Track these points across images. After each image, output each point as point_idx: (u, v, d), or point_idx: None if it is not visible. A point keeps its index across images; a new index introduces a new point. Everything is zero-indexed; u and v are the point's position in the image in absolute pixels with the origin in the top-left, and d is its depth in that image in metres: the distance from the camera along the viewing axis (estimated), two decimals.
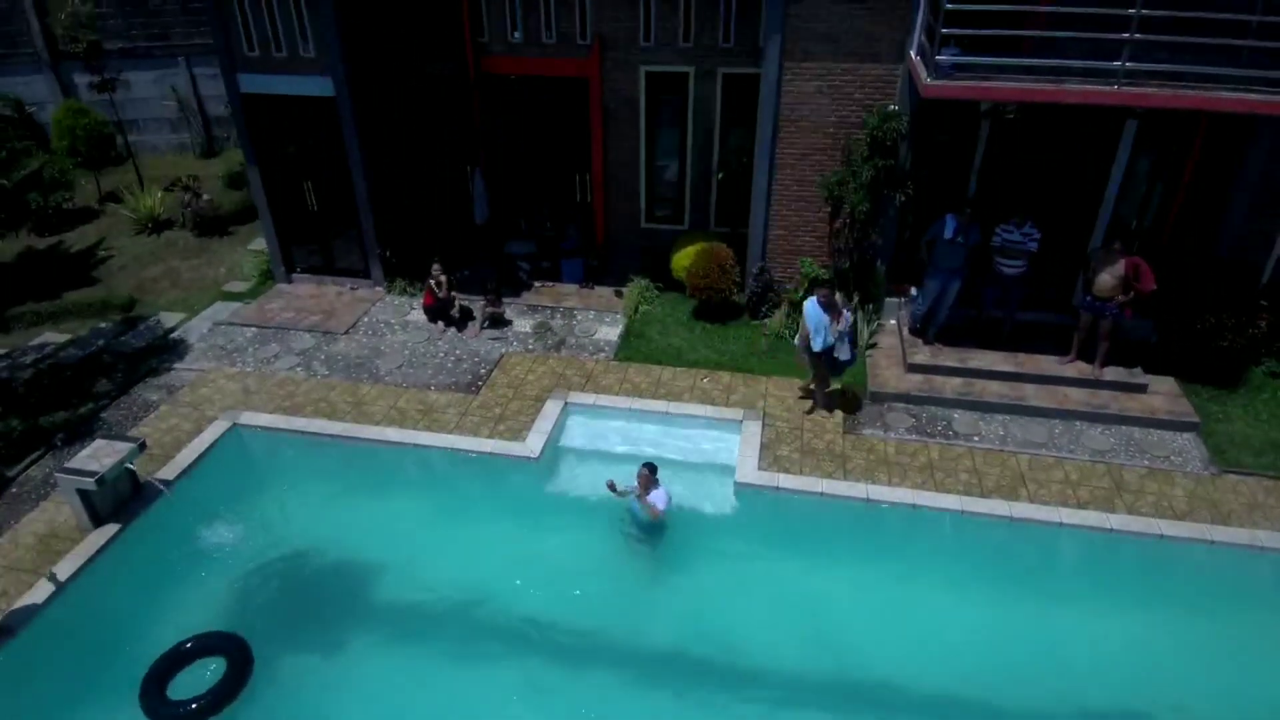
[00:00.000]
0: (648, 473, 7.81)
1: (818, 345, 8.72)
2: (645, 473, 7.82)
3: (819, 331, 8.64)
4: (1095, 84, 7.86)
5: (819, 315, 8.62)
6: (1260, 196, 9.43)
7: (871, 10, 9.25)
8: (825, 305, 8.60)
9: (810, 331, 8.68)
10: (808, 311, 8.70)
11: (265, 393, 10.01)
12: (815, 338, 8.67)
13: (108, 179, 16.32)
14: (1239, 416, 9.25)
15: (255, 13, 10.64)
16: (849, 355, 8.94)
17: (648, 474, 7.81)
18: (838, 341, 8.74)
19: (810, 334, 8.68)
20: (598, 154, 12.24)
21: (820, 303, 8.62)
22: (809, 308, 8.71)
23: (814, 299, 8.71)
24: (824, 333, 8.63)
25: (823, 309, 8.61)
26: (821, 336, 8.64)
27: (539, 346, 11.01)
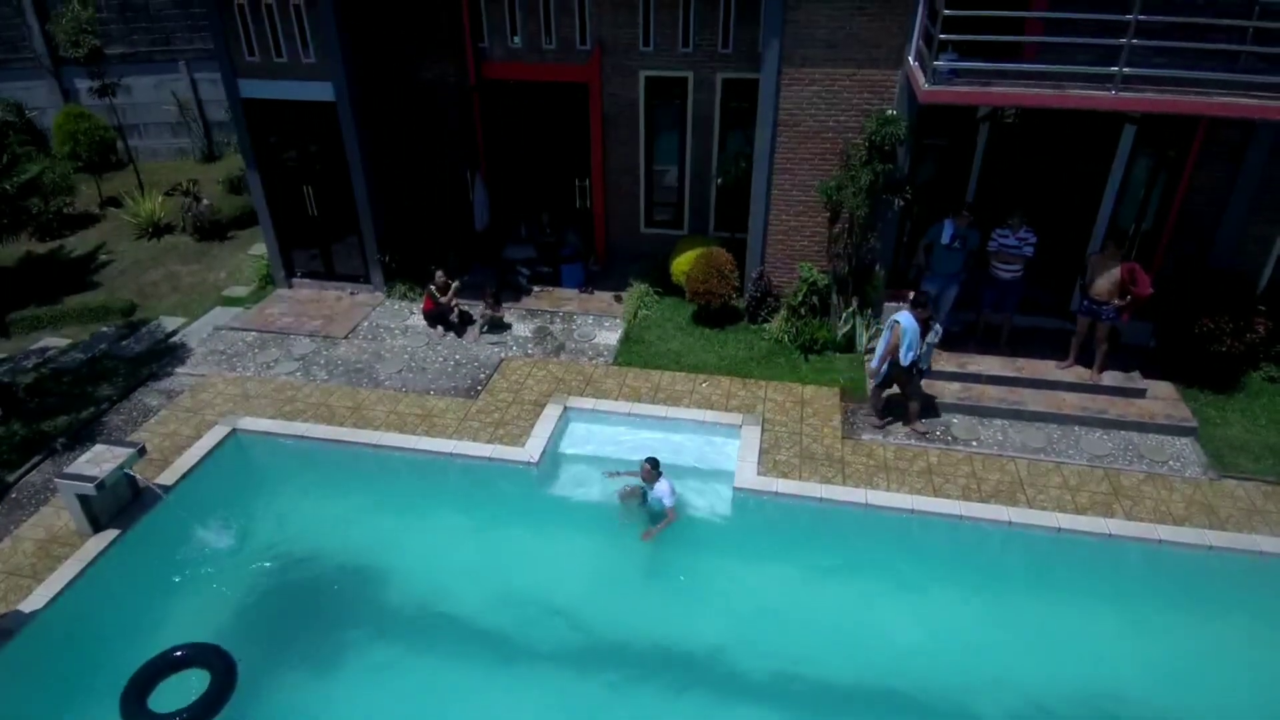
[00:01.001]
0: (650, 467, 7.97)
1: (907, 359, 8.62)
2: (647, 467, 7.98)
3: (912, 346, 8.54)
4: (1093, 89, 7.88)
5: (915, 329, 8.52)
6: (1258, 200, 9.44)
7: (870, 16, 9.27)
8: (920, 320, 8.53)
9: (903, 345, 8.54)
10: (904, 325, 8.51)
11: (265, 398, 10.03)
12: (907, 352, 8.56)
13: (109, 184, 16.37)
14: (1237, 421, 9.26)
15: (256, 19, 10.67)
16: (928, 364, 9.02)
17: (650, 468, 7.97)
18: (924, 354, 8.74)
19: (902, 347, 8.55)
20: (597, 159, 12.27)
21: (916, 317, 8.53)
22: (907, 322, 8.51)
23: (907, 313, 8.56)
24: (916, 347, 8.57)
25: (917, 323, 8.53)
26: (913, 351, 8.58)
27: (538, 351, 11.03)
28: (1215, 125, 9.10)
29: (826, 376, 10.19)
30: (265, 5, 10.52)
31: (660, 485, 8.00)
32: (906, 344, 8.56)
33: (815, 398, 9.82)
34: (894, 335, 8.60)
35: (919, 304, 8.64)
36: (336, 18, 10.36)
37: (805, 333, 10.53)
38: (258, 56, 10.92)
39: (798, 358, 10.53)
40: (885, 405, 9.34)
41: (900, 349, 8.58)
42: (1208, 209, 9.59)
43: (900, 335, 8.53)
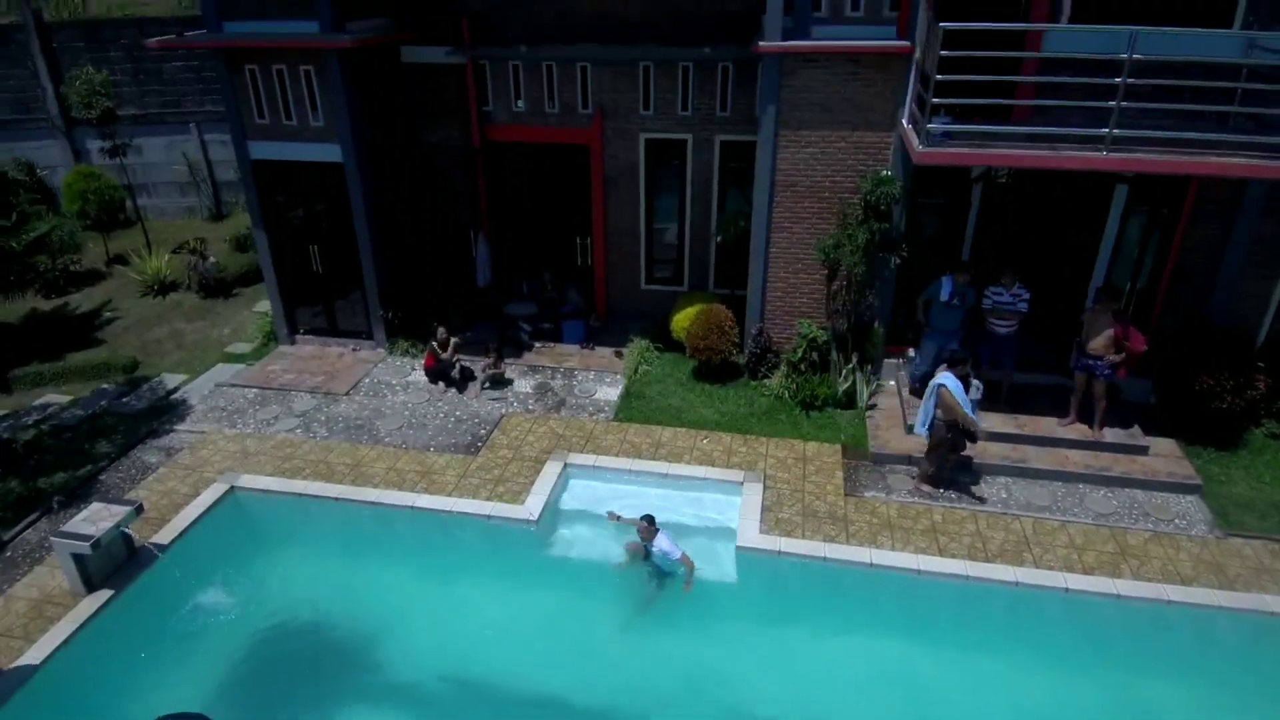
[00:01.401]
0: (646, 524, 7.95)
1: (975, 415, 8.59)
2: (644, 524, 7.96)
3: (964, 402, 8.46)
4: (1085, 150, 8.05)
5: (960, 388, 8.45)
6: (1252, 257, 9.56)
7: (863, 82, 9.53)
8: (963, 378, 8.51)
9: (965, 408, 8.42)
10: (954, 390, 8.43)
11: (264, 455, 9.99)
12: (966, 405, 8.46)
13: (117, 242, 16.62)
14: (1241, 479, 9.20)
15: (267, 84, 10.97)
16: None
17: (646, 525, 7.95)
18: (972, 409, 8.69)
19: (967, 410, 8.43)
20: (599, 217, 12.47)
21: (958, 375, 8.50)
22: (952, 384, 8.44)
23: (948, 375, 8.50)
24: (965, 401, 8.50)
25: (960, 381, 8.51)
26: (967, 405, 8.49)
27: (539, 407, 11.03)
28: (1206, 184, 9.27)
29: (828, 433, 10.16)
30: (276, 71, 10.82)
31: (660, 541, 7.96)
32: (962, 399, 8.43)
33: (817, 454, 9.78)
34: (941, 399, 8.50)
35: (957, 361, 8.56)
36: (345, 84, 10.65)
37: (806, 389, 10.54)
38: (267, 119, 11.19)
39: (799, 414, 10.52)
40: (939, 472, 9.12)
41: (961, 410, 8.41)
42: (1202, 266, 9.70)
43: (952, 397, 8.42)
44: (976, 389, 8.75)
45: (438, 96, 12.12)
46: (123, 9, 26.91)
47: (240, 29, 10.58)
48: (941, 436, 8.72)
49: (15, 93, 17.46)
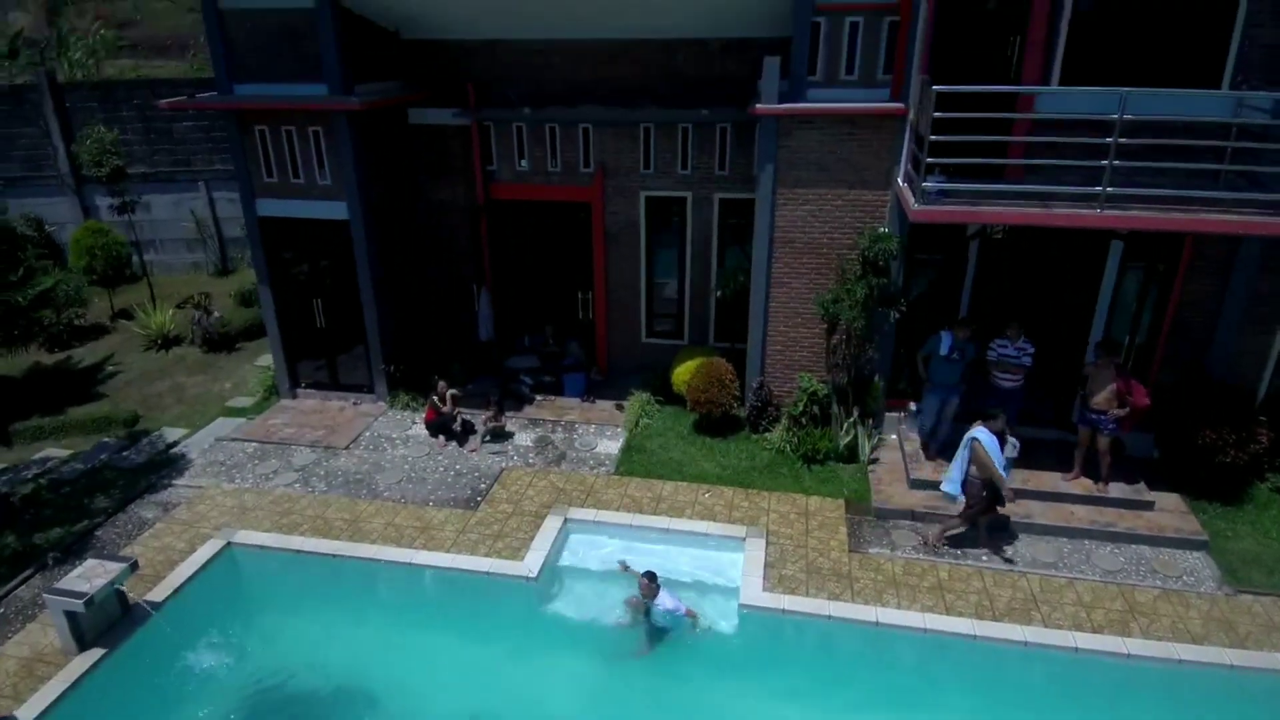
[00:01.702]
0: (648, 580, 7.87)
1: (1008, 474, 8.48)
2: (645, 581, 7.88)
3: (998, 459, 8.36)
4: (1079, 208, 8.18)
5: (995, 444, 8.36)
6: (1250, 312, 9.63)
7: (859, 142, 9.74)
8: (998, 434, 8.40)
9: (999, 465, 8.33)
10: (988, 446, 8.34)
11: (262, 510, 9.92)
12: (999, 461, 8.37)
13: (122, 296, 16.76)
14: (1248, 534, 9.11)
15: (275, 144, 11.20)
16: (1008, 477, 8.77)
17: (648, 582, 7.87)
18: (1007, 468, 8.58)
19: (1000, 468, 8.33)
20: (600, 272, 12.62)
21: (994, 430, 8.39)
22: (988, 441, 8.34)
23: (983, 430, 8.40)
24: (1000, 458, 8.38)
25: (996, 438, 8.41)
26: (1001, 463, 8.38)
27: (539, 461, 10.98)
28: (1201, 241, 9.39)
29: (830, 487, 10.10)
30: (285, 131, 11.07)
31: (662, 598, 7.87)
32: (999, 462, 8.33)
33: (820, 509, 9.70)
34: (976, 454, 8.41)
35: (991, 416, 8.46)
36: (353, 144, 10.89)
37: (807, 443, 10.52)
38: (275, 178, 11.40)
39: (800, 468, 10.48)
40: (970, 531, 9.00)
41: (995, 468, 8.32)
42: (1200, 321, 9.76)
43: (986, 454, 8.32)
44: (1013, 447, 8.59)
45: (443, 156, 12.38)
46: (135, 70, 27.67)
47: (251, 91, 10.86)
48: (978, 495, 8.56)
49: (27, 150, 17.83)
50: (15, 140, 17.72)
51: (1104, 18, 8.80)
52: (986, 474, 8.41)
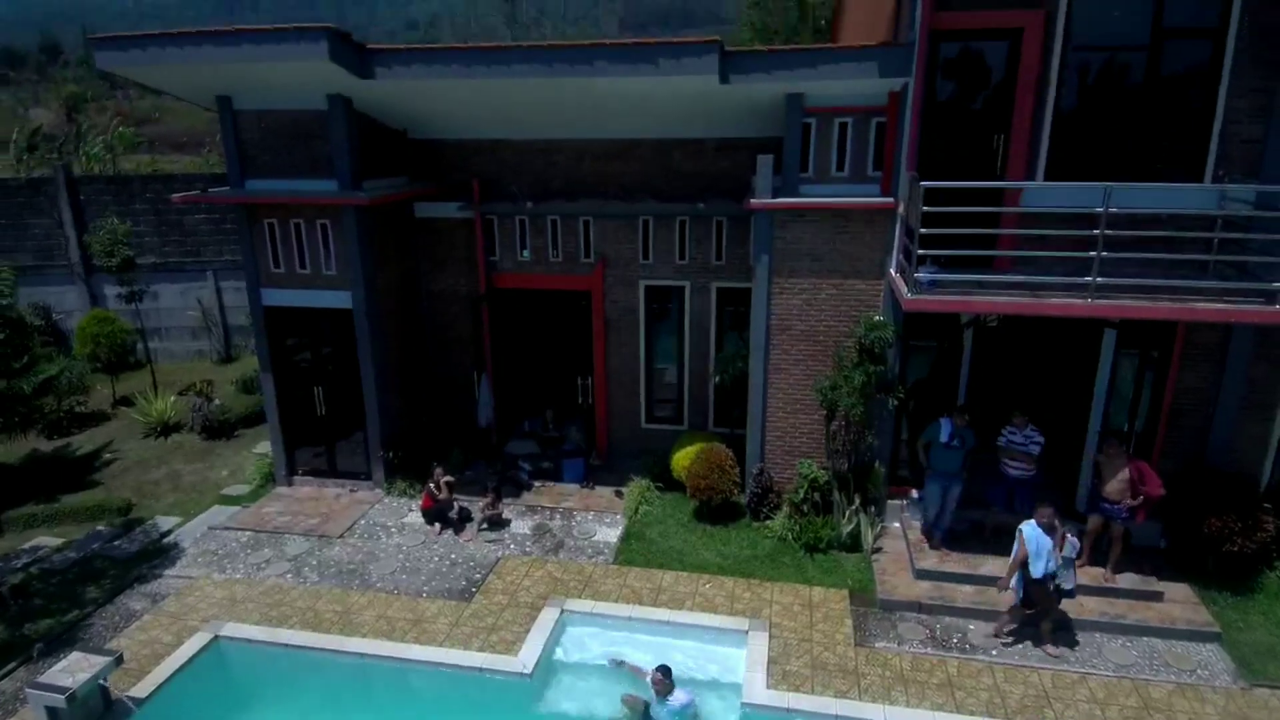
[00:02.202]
0: (661, 676, 7.65)
1: (1038, 571, 8.19)
2: (659, 676, 7.65)
3: (1040, 555, 8.16)
4: (1070, 297, 8.33)
5: (1041, 539, 8.18)
6: (1247, 400, 9.66)
7: (851, 234, 10.02)
8: (1047, 528, 8.21)
9: (1030, 555, 8.17)
10: (1027, 535, 8.20)
11: (252, 601, 9.71)
12: (1035, 562, 8.15)
13: (125, 383, 16.87)
14: (1260, 625, 8.89)
15: (284, 236, 11.51)
16: (1073, 584, 8.45)
17: (661, 677, 7.65)
18: (1061, 569, 8.29)
19: (1030, 557, 8.17)
20: (599, 359, 12.74)
21: (1040, 524, 8.21)
22: (1028, 531, 8.22)
23: (1032, 521, 8.27)
24: (1046, 558, 8.19)
25: (1044, 532, 8.21)
26: (1043, 562, 8.17)
27: (537, 549, 10.82)
28: (1193, 329, 9.51)
29: (834, 577, 9.92)
30: (294, 224, 11.38)
31: (677, 695, 7.64)
32: (1033, 553, 8.18)
33: (824, 600, 9.50)
34: (1020, 547, 8.29)
35: (1043, 514, 8.26)
36: (360, 237, 11.18)
37: (809, 531, 10.38)
38: (282, 268, 11.65)
39: (803, 557, 10.31)
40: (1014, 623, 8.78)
41: (1029, 561, 8.18)
42: (1198, 409, 9.78)
43: (1025, 545, 8.20)
44: (1072, 546, 8.34)
45: (447, 247, 12.70)
46: (152, 165, 28.62)
47: (263, 186, 11.23)
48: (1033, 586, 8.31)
49: (39, 240, 18.27)
50: (29, 230, 18.19)
51: (1086, 117, 9.18)
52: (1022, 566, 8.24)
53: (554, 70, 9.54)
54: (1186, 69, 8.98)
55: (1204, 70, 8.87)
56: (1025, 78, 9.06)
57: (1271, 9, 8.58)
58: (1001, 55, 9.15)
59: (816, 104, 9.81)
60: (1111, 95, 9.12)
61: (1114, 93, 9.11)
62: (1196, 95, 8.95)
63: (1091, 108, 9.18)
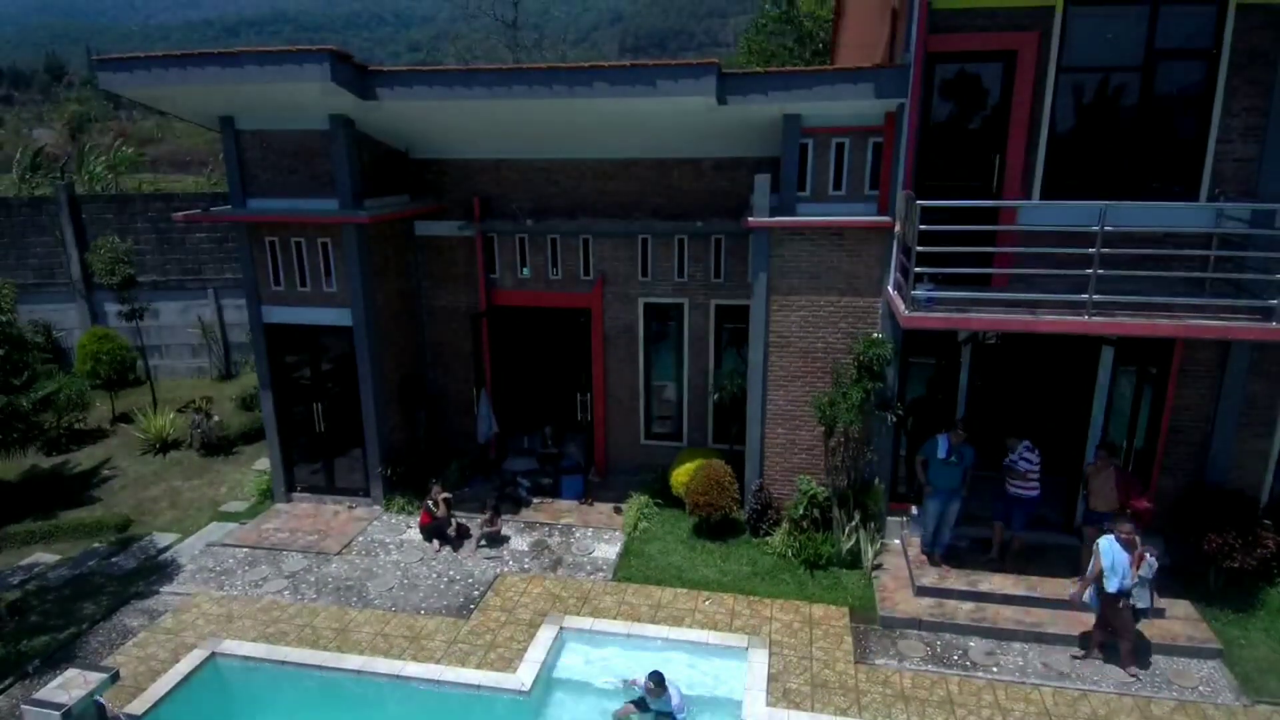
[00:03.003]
0: (654, 684, 7.69)
1: (1112, 586, 8.05)
2: (651, 684, 7.70)
3: (1115, 571, 8.02)
4: (1066, 314, 8.38)
5: (1118, 554, 8.06)
6: (1245, 416, 9.68)
7: (849, 251, 10.09)
8: (1126, 544, 8.09)
9: (1105, 569, 8.04)
10: (1103, 549, 8.09)
11: (249, 618, 9.67)
12: (1110, 578, 8.02)
13: (124, 400, 16.86)
14: (1261, 641, 8.86)
15: (285, 254, 11.58)
16: (1148, 603, 8.27)
17: (654, 685, 7.69)
18: (1137, 587, 8.14)
19: (1105, 571, 8.05)
20: (599, 375, 12.77)
21: (1120, 540, 8.10)
22: (1105, 545, 8.10)
23: (1111, 536, 8.14)
24: (1121, 574, 8.05)
25: (1123, 547, 8.10)
26: (1118, 577, 8.04)
27: (535, 566, 10.79)
28: (1191, 346, 9.54)
29: (834, 594, 9.88)
30: (295, 242, 11.46)
31: (671, 695, 7.72)
32: (1108, 567, 8.05)
33: (824, 618, 9.46)
34: (1096, 561, 8.19)
35: (1122, 529, 8.14)
36: (361, 255, 11.25)
37: (809, 548, 10.36)
38: (283, 286, 11.71)
39: (803, 573, 10.28)
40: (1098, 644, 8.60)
41: (1104, 575, 8.08)
42: (1197, 425, 9.79)
43: (1100, 559, 8.10)
44: (1149, 566, 8.14)
45: (447, 264, 12.77)
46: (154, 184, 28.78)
47: (264, 205, 11.31)
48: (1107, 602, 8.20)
49: (41, 259, 18.34)
50: (30, 249, 18.27)
51: (1082, 135, 9.29)
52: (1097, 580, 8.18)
53: (554, 91, 9.66)
54: (1180, 89, 9.11)
55: (1198, 90, 8.99)
56: (1020, 98, 9.17)
57: (1262, 31, 8.71)
58: (997, 76, 9.27)
59: (814, 124, 9.92)
60: (1106, 114, 9.23)
61: (1109, 112, 9.22)
62: (1191, 115, 9.06)
63: (1087, 127, 9.29)
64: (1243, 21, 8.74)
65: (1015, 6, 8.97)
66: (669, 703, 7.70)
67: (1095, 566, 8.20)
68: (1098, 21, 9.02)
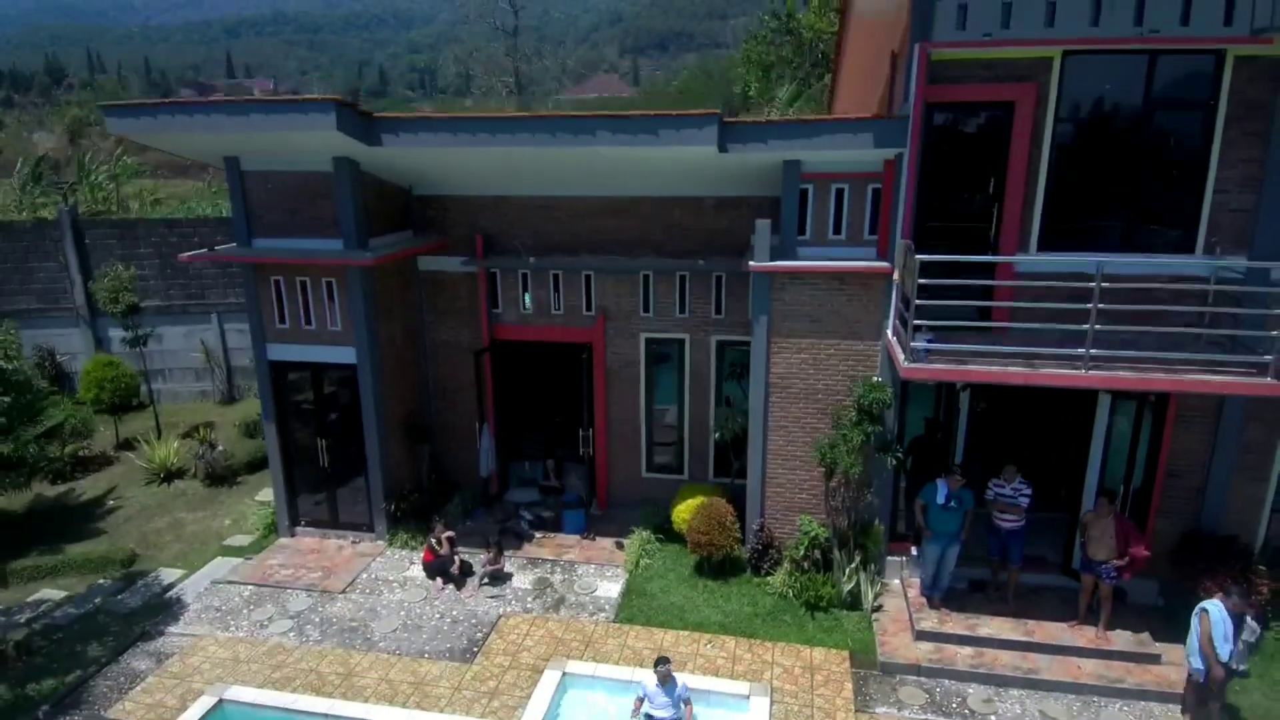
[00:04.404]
0: (666, 670, 8.01)
1: (1225, 654, 7.89)
2: (664, 670, 8.01)
3: (1228, 639, 7.89)
4: (1065, 366, 8.47)
5: (1227, 621, 7.93)
6: (1241, 462, 9.76)
7: (849, 295, 10.17)
8: (1232, 612, 7.94)
9: (1218, 638, 7.90)
10: (1214, 617, 7.94)
11: (256, 662, 9.76)
12: (1223, 645, 7.88)
13: (128, 424, 16.96)
14: (1256, 687, 8.95)
15: (289, 293, 11.67)
16: (1245, 666, 8.17)
17: (666, 670, 8.01)
18: (1240, 651, 8.03)
19: (1218, 640, 7.90)
20: (601, 409, 12.86)
21: (1229, 610, 7.95)
22: (1216, 613, 7.96)
23: (1218, 603, 8.00)
24: (1233, 641, 7.91)
25: (1230, 615, 7.95)
26: (1230, 645, 7.90)
27: (538, 605, 10.88)
28: (1187, 393, 9.61)
29: (835, 638, 9.97)
30: (300, 282, 11.54)
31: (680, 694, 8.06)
32: (1220, 636, 7.90)
33: (824, 663, 9.55)
34: (1203, 626, 8.03)
35: (1230, 593, 8.03)
36: (365, 296, 11.34)
37: (810, 589, 10.45)
38: (287, 324, 11.80)
39: (804, 615, 10.37)
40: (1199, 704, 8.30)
41: (1216, 642, 7.92)
42: (1193, 470, 9.86)
43: (1210, 626, 7.94)
44: (1251, 631, 8.09)
45: (449, 299, 12.86)
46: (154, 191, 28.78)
47: (269, 245, 11.40)
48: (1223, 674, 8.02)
49: (44, 284, 18.42)
50: (34, 274, 18.35)
51: (1079, 185, 9.36)
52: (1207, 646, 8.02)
53: (557, 140, 9.74)
54: (1178, 140, 9.19)
55: (1196, 141, 9.06)
56: (1018, 148, 9.24)
57: (1260, 83, 8.79)
58: (995, 126, 9.34)
59: (813, 170, 10.01)
60: (1104, 164, 9.30)
61: (1106, 162, 9.29)
62: (1188, 166, 9.13)
63: (1084, 176, 9.36)
64: (1240, 74, 8.81)
65: (1013, 59, 9.05)
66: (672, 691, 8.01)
67: (1204, 631, 8.02)
68: (1095, 73, 9.10)
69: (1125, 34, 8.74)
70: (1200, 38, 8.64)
